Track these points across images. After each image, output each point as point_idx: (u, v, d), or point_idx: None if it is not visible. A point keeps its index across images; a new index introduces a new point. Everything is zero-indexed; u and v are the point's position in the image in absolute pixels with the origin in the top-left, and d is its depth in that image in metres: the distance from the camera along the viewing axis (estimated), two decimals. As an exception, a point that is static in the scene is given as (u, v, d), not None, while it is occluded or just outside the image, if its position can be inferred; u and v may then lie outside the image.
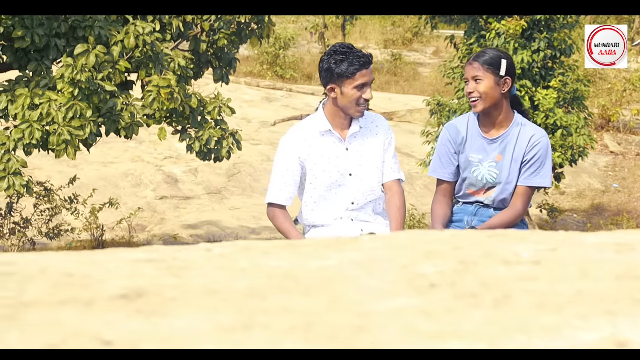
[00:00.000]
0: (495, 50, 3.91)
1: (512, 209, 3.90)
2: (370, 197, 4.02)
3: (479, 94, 3.82)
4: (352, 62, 3.79)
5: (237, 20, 8.06)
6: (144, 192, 13.30)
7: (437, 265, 1.31)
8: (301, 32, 25.60)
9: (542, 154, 3.89)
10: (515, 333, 1.00)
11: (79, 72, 6.45)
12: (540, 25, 10.75)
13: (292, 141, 4.00)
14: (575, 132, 10.53)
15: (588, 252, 1.41)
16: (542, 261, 1.32)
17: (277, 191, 4.00)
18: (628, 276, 1.24)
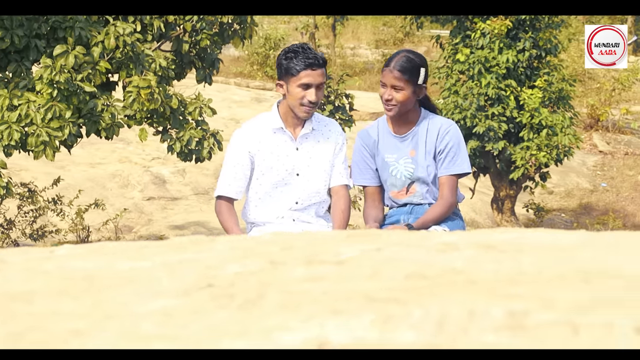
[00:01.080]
0: (414, 57, 3.94)
1: (441, 200, 3.96)
2: (314, 199, 4.03)
3: (397, 102, 3.89)
4: (299, 60, 3.80)
5: (219, 21, 8.04)
6: (131, 193, 13.28)
7: (244, 265, 1.31)
8: (292, 32, 25.60)
9: (455, 142, 3.96)
10: (226, 335, 1.00)
11: (58, 73, 6.43)
12: (525, 24, 10.76)
13: (243, 135, 4.02)
14: (561, 131, 10.55)
15: (410, 252, 1.41)
16: (347, 262, 1.32)
17: (226, 185, 4.02)
18: (416, 275, 1.24)
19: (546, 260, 1.36)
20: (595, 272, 1.25)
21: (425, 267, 1.27)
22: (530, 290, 1.15)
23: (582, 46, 19.28)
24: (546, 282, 1.21)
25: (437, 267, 1.27)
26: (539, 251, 1.44)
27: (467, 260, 1.33)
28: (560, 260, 1.34)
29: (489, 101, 10.62)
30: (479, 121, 10.48)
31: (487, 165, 11.20)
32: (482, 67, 10.50)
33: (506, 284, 1.18)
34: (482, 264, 1.31)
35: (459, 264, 1.29)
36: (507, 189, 11.39)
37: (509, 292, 1.14)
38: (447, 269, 1.25)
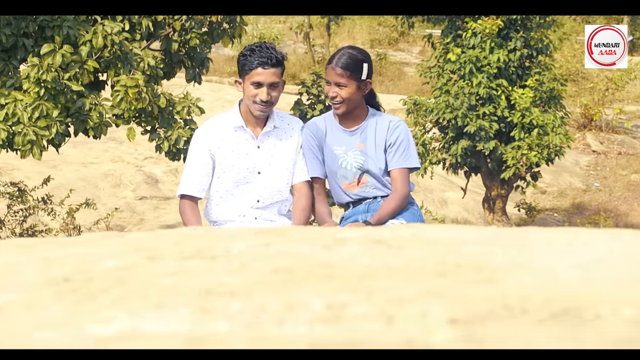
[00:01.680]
0: (356, 53, 3.99)
1: (394, 192, 4.00)
2: (276, 197, 4.03)
3: (342, 99, 3.92)
4: (253, 59, 3.81)
5: (208, 20, 8.03)
6: (123, 193, 13.27)
7: (122, 260, 1.32)
8: (287, 31, 25.60)
9: (404, 137, 4.02)
10: (41, 328, 1.02)
11: (45, 72, 6.42)
12: (516, 24, 10.77)
13: (204, 134, 4.02)
14: (552, 131, 10.54)
15: (297, 247, 1.41)
16: (224, 256, 1.32)
17: (189, 183, 4.02)
18: (283, 270, 1.25)
19: (422, 255, 1.38)
20: (455, 265, 1.26)
21: (298, 262, 1.28)
22: (380, 283, 1.16)
23: (576, 46, 19.30)
24: (402, 275, 1.22)
25: (310, 262, 1.27)
26: (423, 246, 1.45)
27: (345, 256, 1.35)
28: (438, 254, 1.35)
29: (480, 101, 10.62)
30: (470, 120, 10.47)
31: (479, 165, 11.20)
32: (474, 67, 10.50)
33: (363, 278, 1.19)
34: (358, 259, 1.33)
35: (335, 258, 1.30)
36: (499, 189, 11.39)
37: (357, 285, 1.15)
38: (319, 264, 1.26)
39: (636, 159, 16.94)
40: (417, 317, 0.99)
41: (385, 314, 1.01)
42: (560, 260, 1.32)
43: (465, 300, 1.08)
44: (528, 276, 1.23)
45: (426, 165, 10.98)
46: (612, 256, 1.36)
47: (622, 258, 1.34)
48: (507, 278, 1.22)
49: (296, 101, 9.42)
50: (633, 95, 19.17)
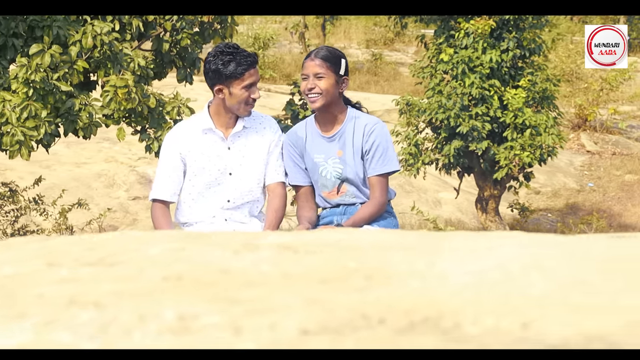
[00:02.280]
0: (334, 49, 3.98)
1: (372, 200, 3.95)
2: (247, 198, 4.01)
3: (320, 90, 3.87)
4: (239, 62, 3.78)
5: (199, 20, 8.02)
6: (116, 193, 13.26)
7: (20, 266, 1.31)
8: (282, 31, 25.60)
9: (381, 140, 3.94)
10: None
11: (33, 72, 6.41)
12: (509, 24, 10.77)
13: (174, 138, 4.00)
14: (544, 131, 10.54)
15: (208, 252, 1.41)
16: (121, 263, 1.32)
17: (160, 187, 4.00)
18: (173, 277, 1.25)
19: (326, 261, 1.37)
20: (351, 271, 1.26)
21: (196, 268, 1.28)
22: (254, 292, 1.16)
23: (570, 46, 19.31)
24: (288, 282, 1.22)
25: (208, 269, 1.27)
26: (335, 252, 1.44)
27: (248, 262, 1.34)
28: (343, 261, 1.35)
29: (473, 101, 10.62)
30: (463, 121, 10.47)
31: (471, 165, 11.20)
32: (466, 67, 10.50)
33: (245, 286, 1.19)
34: (258, 265, 1.32)
35: (236, 265, 1.30)
36: (491, 189, 11.39)
37: (230, 294, 1.15)
38: (216, 270, 1.26)
39: (630, 159, 16.95)
40: (266, 328, 0.99)
41: (235, 325, 1.00)
42: (458, 267, 1.31)
43: (330, 309, 1.07)
44: (416, 283, 1.23)
45: (419, 165, 10.97)
46: (511, 263, 1.35)
47: (519, 265, 1.33)
48: (393, 285, 1.21)
49: (288, 101, 9.39)
50: (627, 96, 19.19)
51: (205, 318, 1.06)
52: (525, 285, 1.22)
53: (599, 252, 1.43)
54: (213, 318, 1.05)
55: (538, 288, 1.20)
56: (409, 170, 11.05)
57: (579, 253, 1.43)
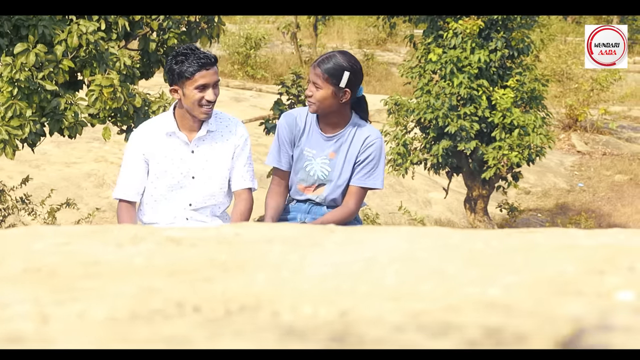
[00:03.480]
0: (343, 59, 3.87)
1: (344, 207, 3.93)
2: (209, 202, 3.99)
3: (315, 100, 3.83)
4: (191, 63, 3.76)
5: (186, 20, 8.02)
6: (106, 192, 13.24)
7: None
8: (274, 32, 25.59)
9: (376, 155, 3.92)
10: None
11: (18, 71, 6.41)
12: (497, 24, 10.78)
13: (138, 138, 3.99)
14: (533, 131, 10.56)
15: (88, 245, 1.42)
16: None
17: (123, 187, 4.00)
18: (32, 269, 1.27)
19: (200, 254, 1.38)
20: (215, 264, 1.28)
21: (63, 261, 1.29)
22: (93, 283, 1.18)
23: (561, 46, 19.34)
24: (135, 274, 1.23)
25: (78, 261, 1.28)
26: (216, 246, 1.45)
27: (125, 254, 1.35)
28: (218, 254, 1.36)
29: (461, 101, 10.63)
30: (451, 121, 10.49)
31: (460, 165, 11.21)
32: (455, 67, 10.51)
33: (86, 276, 1.21)
34: (133, 258, 1.34)
35: (109, 258, 1.31)
36: (480, 189, 11.41)
37: (71, 284, 1.17)
38: (84, 263, 1.27)
39: (620, 159, 16.99)
40: (74, 316, 1.00)
41: (43, 314, 1.01)
42: (324, 259, 1.32)
43: (150, 298, 1.08)
44: (269, 274, 1.24)
45: (407, 165, 10.99)
46: (382, 255, 1.36)
47: (389, 257, 1.34)
48: (243, 277, 1.22)
49: (276, 101, 9.41)
50: (618, 96, 19.22)
51: (15, 306, 1.07)
52: (380, 276, 1.23)
53: (483, 245, 1.43)
54: (23, 307, 1.07)
55: (391, 279, 1.21)
56: (397, 170, 11.06)
57: (461, 246, 1.44)
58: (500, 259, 1.28)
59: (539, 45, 11.83)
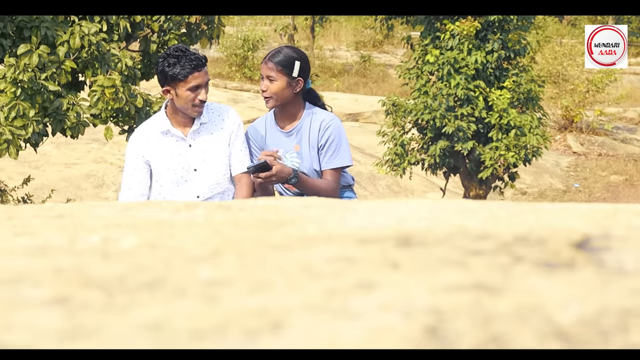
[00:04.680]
0: (291, 51, 4.03)
1: (325, 181, 4.06)
2: (216, 190, 4.08)
3: (271, 93, 3.95)
4: (184, 65, 3.80)
5: (186, 21, 8.10)
6: (105, 193, 13.32)
7: None
8: (272, 34, 25.66)
9: (335, 136, 4.04)
10: None
11: (21, 72, 6.48)
12: (494, 26, 10.88)
13: (135, 141, 4.05)
14: (529, 132, 10.66)
15: (154, 211, 1.52)
16: None
17: (127, 190, 4.04)
18: (111, 225, 1.38)
19: (250, 215, 1.52)
20: (253, 222, 1.42)
21: (135, 221, 1.39)
22: (167, 231, 1.32)
23: (557, 48, 19.43)
24: (199, 227, 1.35)
25: (146, 221, 1.38)
26: (260, 210, 1.58)
27: (183, 216, 1.49)
28: (263, 215, 1.49)
29: (458, 102, 10.73)
30: (449, 121, 10.58)
31: (457, 165, 11.30)
32: (452, 68, 10.61)
33: (162, 228, 1.33)
34: (192, 218, 1.47)
35: (173, 218, 1.42)
36: (477, 189, 11.50)
37: (171, 232, 1.31)
38: (151, 222, 1.37)
39: (616, 160, 17.09)
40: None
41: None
42: (360, 219, 1.43)
43: (236, 240, 1.20)
44: (317, 226, 1.35)
45: (405, 165, 11.07)
46: (405, 216, 1.49)
47: (415, 218, 1.48)
48: (294, 228, 1.37)
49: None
50: (613, 97, 19.32)
51: (123, 240, 1.21)
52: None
53: (497, 208, 1.58)
54: (130, 240, 1.21)
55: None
56: (395, 170, 11.15)
57: (478, 209, 1.56)
58: (514, 218, 1.44)
59: (535, 46, 11.92)
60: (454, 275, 1.03)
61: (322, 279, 1.01)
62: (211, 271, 1.04)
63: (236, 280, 1.01)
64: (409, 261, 1.09)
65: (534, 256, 1.11)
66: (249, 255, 1.12)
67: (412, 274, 1.03)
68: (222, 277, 1.02)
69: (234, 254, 1.12)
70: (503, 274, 1.03)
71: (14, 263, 1.07)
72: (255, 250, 1.15)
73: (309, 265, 1.06)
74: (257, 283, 1.00)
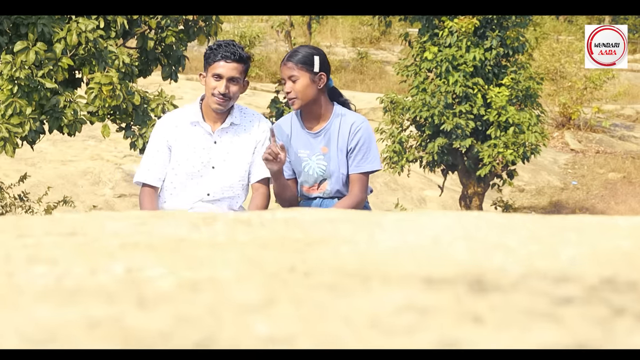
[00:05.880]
0: (308, 48, 3.99)
1: (351, 196, 3.94)
2: (227, 193, 4.03)
3: (296, 93, 3.88)
4: (217, 52, 3.87)
5: (184, 18, 8.05)
6: (102, 190, 13.27)
7: None
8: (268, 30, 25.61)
9: (365, 139, 3.95)
10: None
11: (18, 69, 6.44)
12: (492, 23, 10.84)
13: (164, 125, 4.06)
14: (527, 129, 10.63)
15: (169, 225, 1.48)
16: (81, 235, 1.38)
17: (145, 171, 4.05)
18: (130, 244, 1.33)
19: (273, 231, 1.45)
20: (280, 240, 1.35)
21: (154, 238, 1.34)
22: (201, 252, 1.27)
23: (554, 45, 19.40)
24: (229, 247, 1.29)
25: (166, 238, 1.34)
26: (283, 225, 1.53)
27: (204, 233, 1.43)
28: (288, 231, 1.44)
29: (457, 99, 10.69)
30: (447, 119, 10.54)
31: (455, 163, 11.27)
32: (450, 65, 10.57)
33: (191, 248, 1.27)
34: (213, 236, 1.41)
35: (192, 236, 1.37)
36: (475, 187, 11.47)
37: (183, 254, 1.25)
38: (173, 240, 1.32)
39: (614, 157, 17.06)
40: (205, 280, 1.06)
41: (179, 276, 1.07)
42: (390, 236, 1.38)
43: (262, 263, 1.15)
44: (350, 247, 1.30)
45: (403, 163, 11.04)
46: (438, 233, 1.43)
47: (448, 236, 1.40)
48: (325, 249, 1.29)
49: (273, 99, 9.44)
50: (611, 94, 19.30)
51: (150, 270, 1.13)
52: (450, 250, 1.29)
53: (531, 224, 1.51)
54: (158, 270, 1.13)
55: (463, 253, 1.28)
56: (393, 167, 11.11)
57: (511, 226, 1.50)
58: (556, 238, 1.37)
59: (533, 43, 11.89)
60: (547, 332, 0.92)
61: (396, 336, 0.91)
62: (268, 325, 0.95)
63: (298, 337, 0.91)
64: (490, 312, 0.98)
65: (634, 307, 1.00)
66: (304, 301, 1.03)
67: (499, 330, 0.93)
68: (281, 333, 0.93)
69: (287, 299, 1.03)
70: (604, 330, 0.93)
71: (42, 315, 0.98)
72: (309, 294, 1.05)
73: (377, 317, 0.96)
74: (323, 340, 0.90)
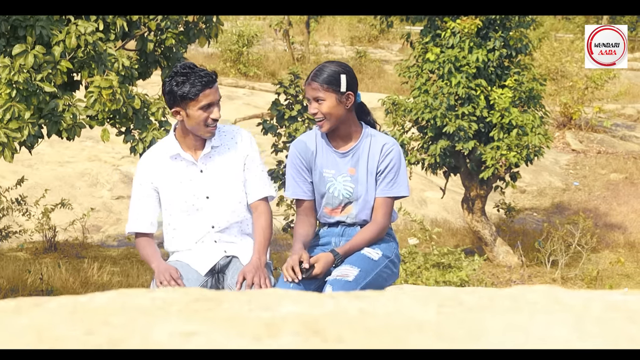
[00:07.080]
0: (333, 65, 3.76)
1: (374, 223, 3.76)
2: (233, 219, 3.81)
3: (323, 115, 3.69)
4: (193, 83, 3.60)
5: (184, 20, 7.93)
6: (100, 192, 13.15)
7: None
8: (266, 29, 25.51)
9: (396, 162, 3.75)
10: None
11: (17, 73, 6.30)
12: (495, 24, 10.73)
13: (144, 166, 3.84)
14: (531, 131, 10.51)
15: (219, 337, 1.32)
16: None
17: (135, 219, 3.84)
18: None
19: None
20: None
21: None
22: None
23: (555, 44, 19.31)
24: None
25: None
26: (367, 334, 1.34)
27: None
28: (379, 343, 1.29)
29: (459, 100, 10.57)
30: (449, 121, 10.42)
31: (458, 165, 11.15)
32: (452, 67, 10.45)
33: None
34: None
35: None
36: (478, 189, 11.35)
37: None
38: None
39: (615, 157, 16.96)
40: None
41: None
42: (495, 339, 1.25)
43: None
44: None
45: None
46: None
47: None
48: None
49: (274, 101, 9.32)
50: (612, 94, 19.20)
51: None
52: None
53: None
54: None
55: None
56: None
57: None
58: None
59: (536, 44, 11.78)
60: None
61: None
62: None
63: None
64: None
65: None
66: None
67: None
68: None
69: None
70: None
71: None
72: None
73: None
74: None
